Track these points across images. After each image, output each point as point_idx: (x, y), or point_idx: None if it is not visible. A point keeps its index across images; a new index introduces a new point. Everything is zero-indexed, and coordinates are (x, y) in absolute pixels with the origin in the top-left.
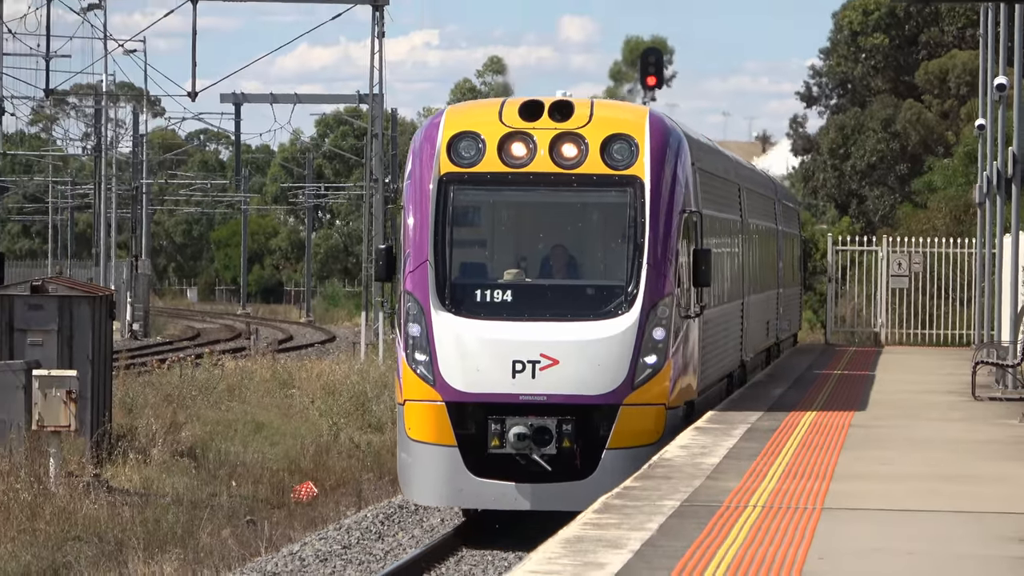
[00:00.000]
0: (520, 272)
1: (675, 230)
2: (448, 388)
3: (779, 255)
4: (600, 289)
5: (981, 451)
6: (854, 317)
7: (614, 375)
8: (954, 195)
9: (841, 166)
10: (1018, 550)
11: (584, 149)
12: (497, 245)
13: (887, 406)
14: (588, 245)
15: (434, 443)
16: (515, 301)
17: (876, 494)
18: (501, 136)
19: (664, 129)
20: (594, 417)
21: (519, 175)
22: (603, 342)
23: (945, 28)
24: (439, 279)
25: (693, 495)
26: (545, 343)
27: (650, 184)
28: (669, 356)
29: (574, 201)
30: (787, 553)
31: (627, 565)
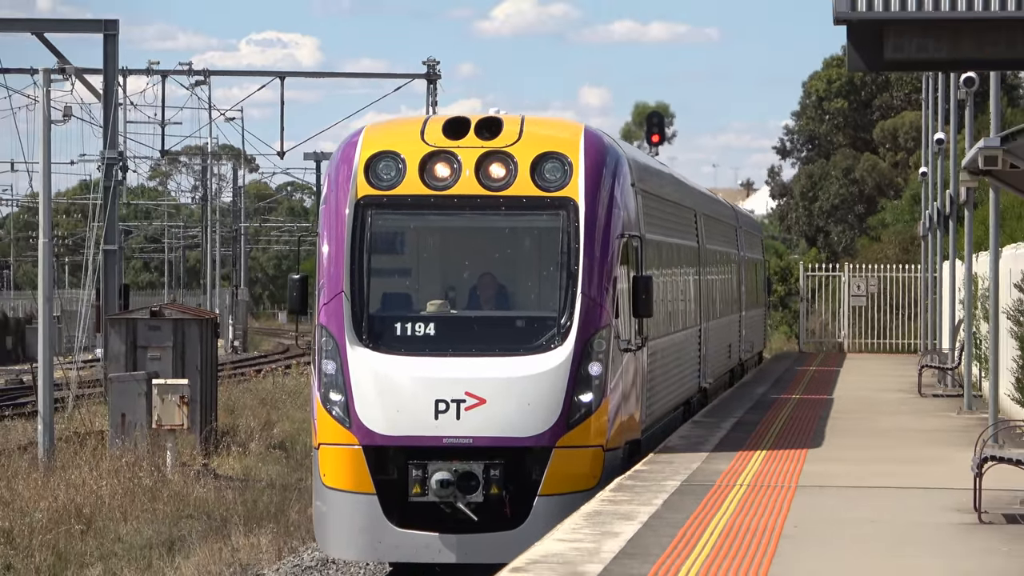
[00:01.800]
0: (444, 303)
1: (613, 256)
2: (365, 431)
3: (741, 280)
4: (531, 321)
5: (927, 438)
6: (822, 330)
7: (546, 415)
8: (902, 230)
9: (810, 207)
10: (958, 518)
11: (513, 169)
12: (419, 274)
13: (850, 402)
14: (518, 273)
15: (350, 491)
16: (438, 335)
17: (842, 474)
18: (423, 156)
19: (601, 147)
20: (525, 461)
21: (442, 198)
22: (534, 379)
23: (894, 93)
24: (355, 312)
25: (691, 476)
26: (470, 380)
27: (585, 206)
28: (607, 393)
29: (502, 226)
30: (768, 522)
31: (637, 533)
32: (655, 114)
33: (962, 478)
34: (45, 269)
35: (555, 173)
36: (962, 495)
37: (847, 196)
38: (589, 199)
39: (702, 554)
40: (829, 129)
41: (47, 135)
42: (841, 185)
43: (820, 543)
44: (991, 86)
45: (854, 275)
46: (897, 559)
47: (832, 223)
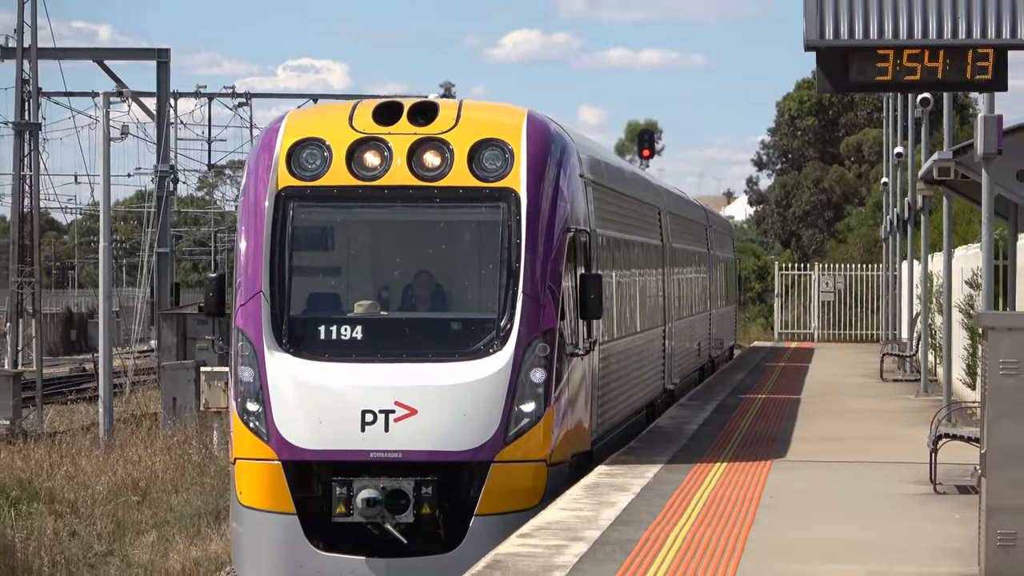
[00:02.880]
0: (373, 304)
1: (558, 252)
2: (285, 444)
3: (712, 278)
4: (468, 323)
5: (888, 418)
6: (795, 322)
7: (483, 426)
8: (866, 233)
9: (784, 213)
10: (916, 489)
11: (449, 157)
12: (345, 272)
13: (820, 386)
14: (453, 271)
15: (269, 510)
16: (366, 339)
17: (813, 451)
18: (351, 143)
19: (545, 134)
20: (461, 477)
21: (371, 189)
22: (470, 387)
23: (858, 112)
24: (275, 314)
25: (679, 453)
26: (401, 389)
27: (527, 198)
28: (551, 402)
29: (436, 219)
30: (747, 493)
31: (631, 503)
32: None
33: (919, 454)
34: (105, 269)
35: (495, 162)
36: (919, 469)
37: (817, 203)
38: (532, 190)
39: (689, 520)
40: (801, 144)
41: (107, 151)
42: (811, 194)
43: (793, 511)
44: (944, 105)
45: (823, 274)
46: (862, 525)
47: (804, 227)
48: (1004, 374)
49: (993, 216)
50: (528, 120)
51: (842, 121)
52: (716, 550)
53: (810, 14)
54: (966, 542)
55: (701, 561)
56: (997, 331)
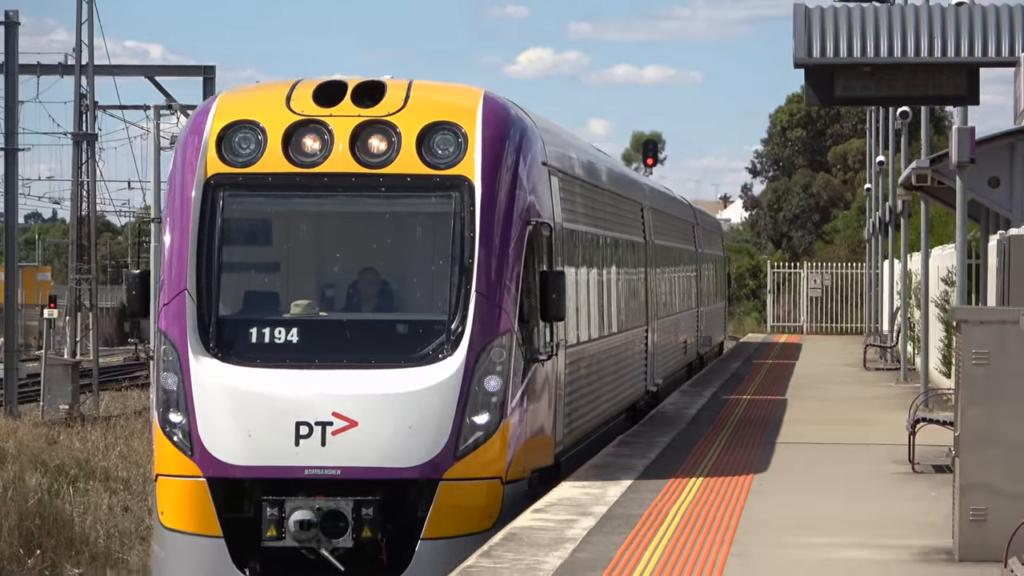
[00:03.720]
0: (311, 304)
1: (516, 248)
2: (210, 460)
3: (700, 276)
4: (415, 326)
5: (870, 404)
6: (786, 316)
7: (431, 440)
8: (851, 235)
9: (776, 216)
10: (896, 468)
11: (396, 142)
12: (280, 269)
13: (808, 375)
14: (399, 268)
15: (193, 533)
16: (302, 343)
17: (802, 433)
18: (288, 126)
19: (504, 117)
20: (406, 496)
21: (310, 177)
22: (416, 396)
23: (844, 124)
24: (201, 314)
25: (678, 436)
26: (340, 398)
27: (482, 187)
28: (507, 413)
29: (381, 210)
30: (743, 469)
31: (635, 481)
32: (649, 141)
33: (899, 436)
34: (155, 267)
35: (446, 147)
36: (899, 450)
37: (806, 207)
38: (487, 178)
39: (691, 494)
40: (791, 153)
41: (157, 159)
42: (801, 198)
43: (784, 487)
44: (922, 118)
45: (812, 272)
46: (846, 502)
47: (794, 229)
48: (976, 363)
49: (966, 219)
50: (484, 102)
51: (829, 132)
52: (712, 527)
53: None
54: (941, 517)
55: (697, 538)
56: (970, 324)
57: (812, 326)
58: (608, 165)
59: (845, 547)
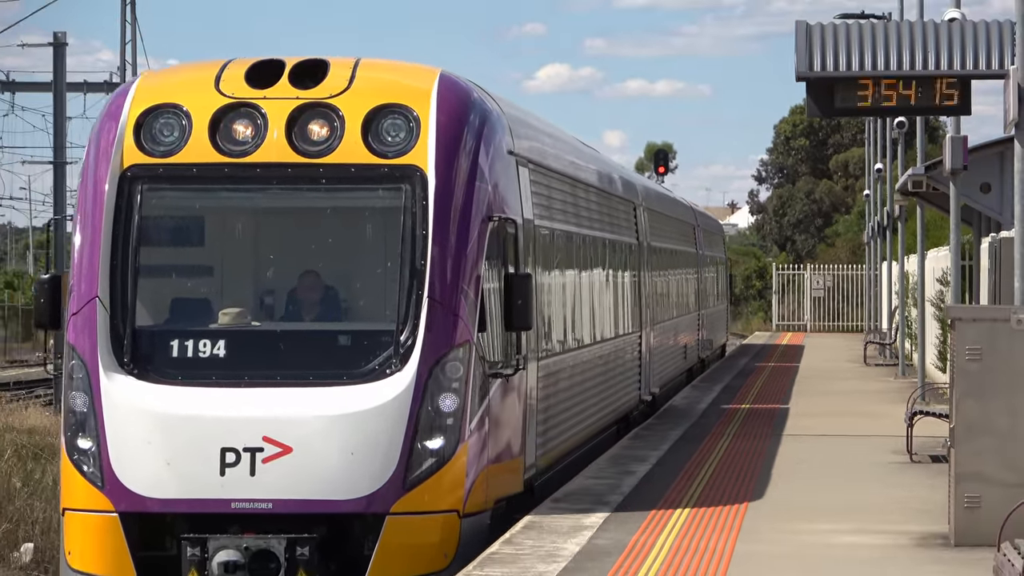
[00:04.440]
0: (241, 313)
1: (475, 247)
2: (124, 492)
3: (701, 279)
4: (358, 337)
5: (871, 398)
6: (790, 315)
7: (377, 469)
8: (852, 238)
9: (780, 221)
10: (894, 459)
11: (338, 127)
12: (206, 273)
13: (812, 370)
14: (341, 271)
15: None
16: (230, 357)
17: (806, 425)
18: (216, 111)
19: (463, 100)
20: (348, 533)
21: (240, 167)
22: (360, 418)
23: (844, 134)
24: (115, 325)
25: (690, 429)
26: (272, 420)
27: (436, 178)
28: (465, 436)
29: (321, 205)
30: (752, 458)
31: (649, 471)
32: (661, 151)
33: (897, 428)
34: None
35: (396, 133)
36: (897, 441)
37: (809, 212)
38: (442, 168)
39: (703, 482)
40: (795, 161)
41: None
42: (804, 204)
43: (789, 475)
44: (917, 128)
45: (815, 273)
46: (848, 489)
47: (797, 233)
48: (969, 359)
49: (960, 223)
50: (440, 82)
51: (830, 141)
52: (723, 512)
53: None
54: (937, 504)
55: (706, 529)
56: (964, 322)
57: (815, 324)
58: (595, 160)
59: (846, 532)
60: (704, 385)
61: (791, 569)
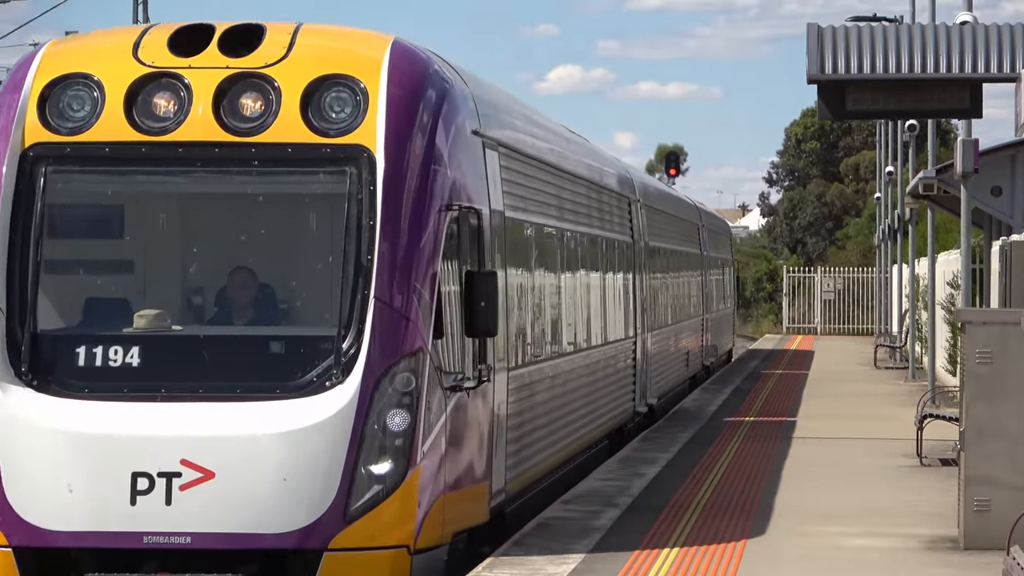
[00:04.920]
0: (160, 316)
1: (430, 241)
2: (20, 524)
3: (706, 281)
4: (293, 344)
5: (880, 400)
6: (801, 318)
7: (314, 497)
8: (862, 241)
9: (791, 223)
10: (905, 462)
11: (274, 101)
12: (121, 269)
13: (822, 372)
14: (275, 268)
15: None
16: (146, 366)
17: (817, 428)
18: (133, 82)
19: (418, 71)
20: (281, 572)
21: (160, 147)
22: (295, 438)
23: (855, 136)
24: (12, 329)
25: (700, 431)
26: (192, 441)
27: (386, 160)
28: (416, 459)
29: (252, 192)
30: (763, 459)
31: (658, 474)
32: (672, 153)
33: (908, 431)
34: None
35: (340, 108)
36: (907, 444)
37: (820, 215)
38: (393, 149)
39: (715, 481)
40: (805, 164)
41: None
42: (815, 207)
43: (799, 478)
44: (928, 131)
45: (825, 276)
46: (857, 492)
47: (808, 236)
48: (980, 362)
49: (970, 226)
50: (393, 51)
51: (841, 144)
52: (733, 513)
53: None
54: (947, 507)
55: (719, 523)
56: (974, 325)
57: (826, 327)
58: (584, 150)
59: (856, 535)
60: (714, 388)
61: (800, 571)
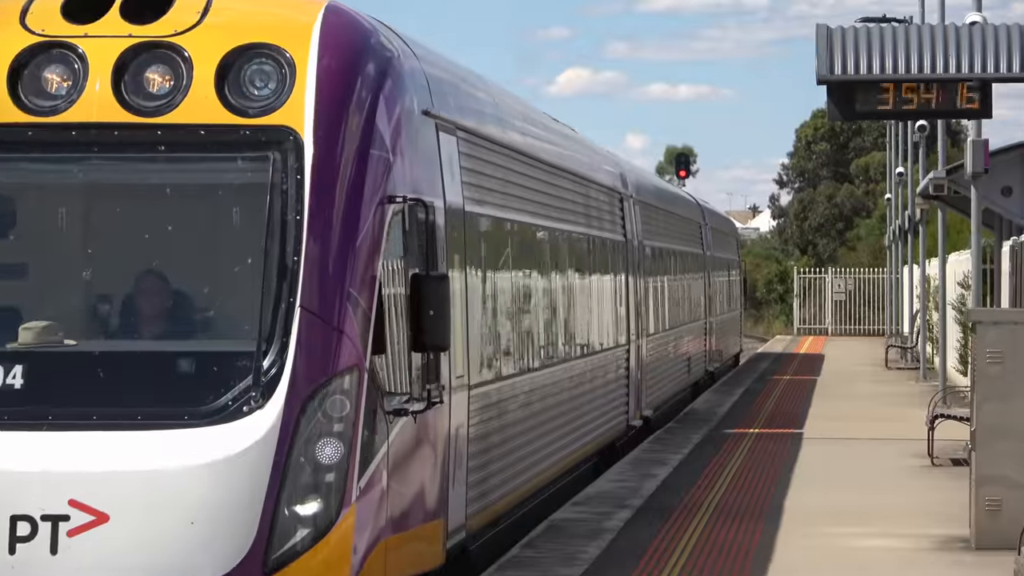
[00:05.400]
0: (50, 328)
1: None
2: None
3: (709, 283)
4: (205, 361)
5: (892, 401)
6: (812, 319)
7: (227, 544)
8: (873, 242)
9: (802, 225)
10: (916, 462)
11: (184, 76)
12: (5, 274)
13: (833, 373)
14: (185, 272)
15: None
16: (29, 388)
17: (828, 428)
18: (20, 53)
19: (357, 40)
20: None
21: (51, 130)
22: (205, 474)
23: (865, 137)
24: None
25: (710, 433)
26: (83, 477)
27: (316, 144)
28: (352, 497)
29: (159, 182)
30: (775, 461)
31: (669, 476)
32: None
33: (919, 431)
34: None
35: (262, 82)
36: (918, 444)
37: (830, 216)
38: (324, 131)
39: (726, 482)
40: (816, 165)
41: None
42: (825, 208)
43: (810, 479)
44: (938, 131)
45: (836, 277)
46: (869, 493)
47: (819, 237)
48: (990, 362)
49: (981, 226)
50: (327, 16)
51: (851, 145)
52: (744, 514)
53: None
54: (959, 507)
55: (731, 525)
56: (984, 325)
57: (837, 328)
58: (566, 139)
59: (867, 536)
60: (724, 389)
61: (814, 570)
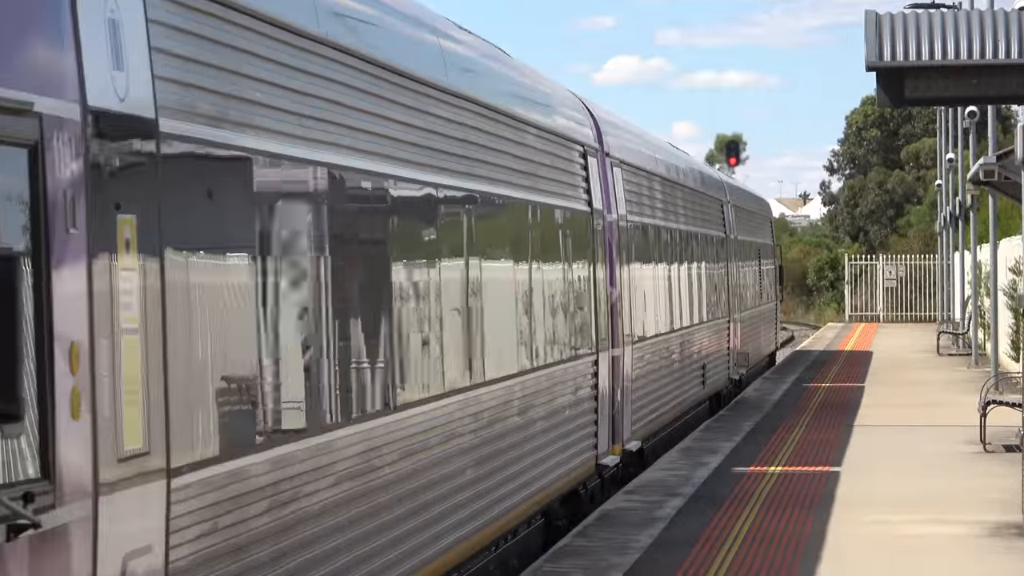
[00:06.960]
0: None
1: None
2: None
3: (730, 272)
4: None
5: (943, 387)
6: (863, 306)
7: None
8: (923, 228)
9: (852, 212)
10: (968, 448)
11: None
12: None
13: (885, 360)
14: None
15: None
16: None
17: (881, 416)
18: None
19: None
20: None
21: None
22: None
23: (916, 124)
24: None
25: (763, 419)
26: None
27: None
28: None
29: None
30: (825, 448)
31: (721, 463)
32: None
33: (971, 418)
34: None
35: None
36: (971, 431)
37: (881, 203)
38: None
39: (777, 469)
40: (866, 152)
41: None
42: (876, 195)
43: (862, 465)
44: (988, 117)
45: (887, 263)
46: (921, 479)
47: (870, 224)
48: None
49: None
50: None
51: (902, 132)
52: (795, 502)
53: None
54: (1012, 493)
55: (781, 517)
56: None
57: (888, 315)
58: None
59: (920, 522)
60: (775, 377)
61: (865, 557)
